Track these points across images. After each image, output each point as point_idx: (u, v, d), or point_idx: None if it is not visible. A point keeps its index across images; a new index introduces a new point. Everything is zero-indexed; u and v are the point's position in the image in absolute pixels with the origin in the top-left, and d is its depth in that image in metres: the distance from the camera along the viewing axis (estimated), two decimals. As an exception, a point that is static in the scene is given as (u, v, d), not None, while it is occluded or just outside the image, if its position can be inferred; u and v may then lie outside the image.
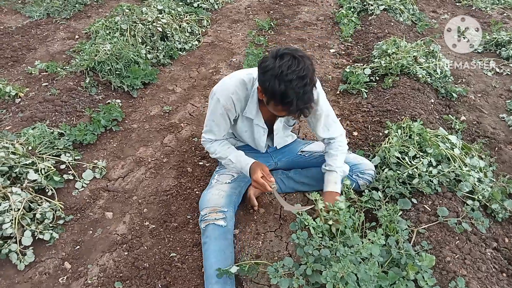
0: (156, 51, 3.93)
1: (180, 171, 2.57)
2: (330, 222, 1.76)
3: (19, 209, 2.00)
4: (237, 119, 2.01)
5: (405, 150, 2.26)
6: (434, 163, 2.16)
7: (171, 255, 2.01)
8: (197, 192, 2.38)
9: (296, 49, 1.61)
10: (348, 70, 3.56)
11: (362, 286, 1.50)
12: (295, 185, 2.34)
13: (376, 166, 2.29)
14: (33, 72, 3.52)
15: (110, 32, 3.80)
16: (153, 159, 2.69)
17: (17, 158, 2.27)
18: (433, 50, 3.62)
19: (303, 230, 1.73)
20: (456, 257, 1.77)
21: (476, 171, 2.20)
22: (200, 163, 2.63)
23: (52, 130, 2.65)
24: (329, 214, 1.79)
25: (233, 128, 2.14)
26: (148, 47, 3.88)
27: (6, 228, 1.92)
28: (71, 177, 2.42)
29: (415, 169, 2.13)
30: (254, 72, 1.88)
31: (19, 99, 3.14)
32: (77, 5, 5.00)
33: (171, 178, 2.52)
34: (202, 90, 3.51)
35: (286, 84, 1.54)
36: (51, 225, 2.11)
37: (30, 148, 2.41)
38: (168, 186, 2.46)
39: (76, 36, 4.34)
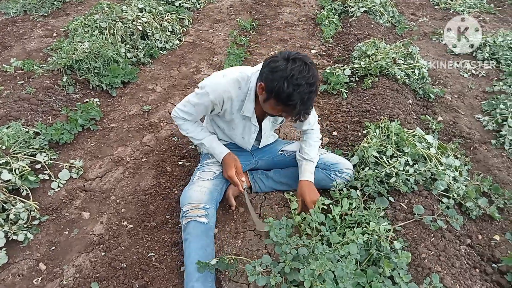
0: (136, 50, 3.87)
1: (159, 171, 2.55)
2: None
3: (-9, 210, 1.95)
4: (225, 115, 2.01)
5: (383, 149, 2.29)
6: (411, 162, 2.20)
7: (149, 255, 1.99)
8: (176, 192, 2.37)
9: (306, 56, 1.65)
10: (328, 71, 3.59)
11: (340, 283, 1.51)
12: (275, 184, 2.35)
13: (354, 165, 2.32)
14: (8, 70, 3.43)
15: (89, 30, 3.74)
16: (131, 158, 2.65)
17: (-10, 157, 2.21)
18: (411, 52, 3.69)
19: (281, 229, 1.75)
20: (431, 253, 1.80)
21: (451, 170, 2.26)
22: (180, 162, 2.61)
23: (27, 129, 2.59)
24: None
25: (221, 125, 2.14)
26: (128, 45, 3.82)
27: (-22, 229, 1.87)
28: (47, 177, 2.37)
29: (392, 168, 2.16)
30: (247, 70, 1.89)
31: (-7, 98, 3.05)
32: (55, 2, 4.90)
33: (150, 177, 2.50)
34: (182, 90, 3.49)
35: (295, 87, 1.59)
36: (25, 225, 2.06)
37: (4, 147, 2.34)
38: (146, 186, 2.43)
39: (54, 34, 4.25)
